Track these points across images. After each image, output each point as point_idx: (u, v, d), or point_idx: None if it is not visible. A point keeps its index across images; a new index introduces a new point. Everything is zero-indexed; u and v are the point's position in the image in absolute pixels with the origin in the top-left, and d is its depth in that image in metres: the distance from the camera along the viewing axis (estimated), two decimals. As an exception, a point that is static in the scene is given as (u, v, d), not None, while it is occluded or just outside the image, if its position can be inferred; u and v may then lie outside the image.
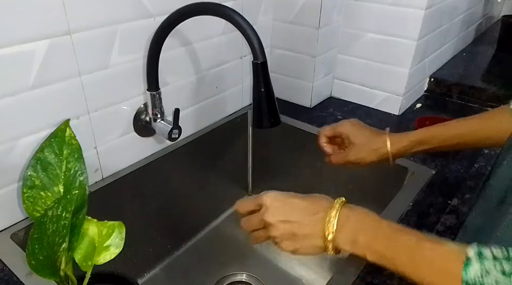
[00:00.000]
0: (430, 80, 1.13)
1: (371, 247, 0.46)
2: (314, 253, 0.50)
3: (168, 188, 0.87)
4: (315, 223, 0.48)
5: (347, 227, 0.48)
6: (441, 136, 0.65)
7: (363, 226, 0.48)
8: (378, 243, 0.46)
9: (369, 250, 0.46)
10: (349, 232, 0.47)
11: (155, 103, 0.75)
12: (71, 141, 0.59)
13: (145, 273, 0.89)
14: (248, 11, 0.91)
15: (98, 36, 0.65)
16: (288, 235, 0.50)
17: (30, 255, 0.46)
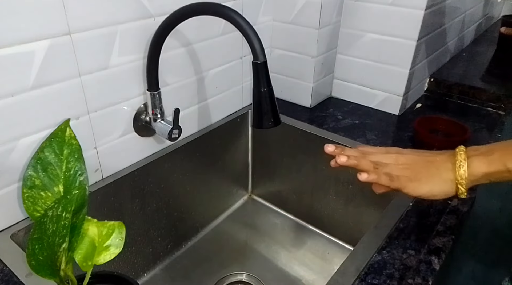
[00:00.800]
0: (430, 80, 1.13)
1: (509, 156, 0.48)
2: (442, 191, 0.52)
3: (168, 188, 0.87)
4: (445, 156, 0.52)
5: (479, 151, 0.50)
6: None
7: (496, 146, 0.50)
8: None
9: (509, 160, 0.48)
10: (482, 155, 0.50)
11: (155, 103, 0.75)
12: (71, 141, 0.59)
13: (145, 273, 0.89)
14: (248, 11, 0.91)
15: (98, 36, 0.65)
16: (417, 172, 0.53)
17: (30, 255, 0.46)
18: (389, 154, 0.56)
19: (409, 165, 0.54)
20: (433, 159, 0.53)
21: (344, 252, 0.96)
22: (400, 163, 0.54)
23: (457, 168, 0.50)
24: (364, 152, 0.57)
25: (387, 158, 0.55)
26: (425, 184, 0.52)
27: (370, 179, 0.54)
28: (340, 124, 0.97)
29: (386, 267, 0.59)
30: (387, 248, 0.62)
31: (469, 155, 0.51)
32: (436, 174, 0.52)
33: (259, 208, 1.11)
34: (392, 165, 0.54)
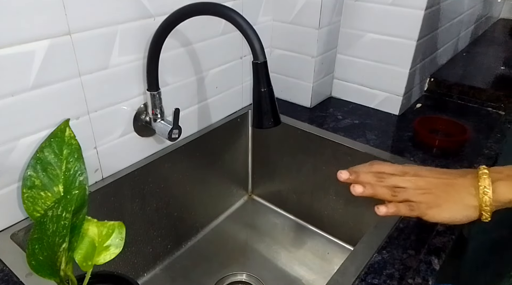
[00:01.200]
0: (430, 80, 1.13)
1: None
2: (466, 215, 0.48)
3: (168, 188, 0.87)
4: (468, 180, 0.48)
5: (501, 180, 0.46)
6: None
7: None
8: None
9: None
10: (506, 182, 0.46)
11: (155, 103, 0.75)
12: (71, 141, 0.59)
13: (145, 273, 0.89)
14: (248, 11, 0.91)
15: (98, 36, 0.65)
16: (439, 196, 0.49)
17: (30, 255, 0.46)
18: (407, 177, 0.51)
19: (429, 189, 0.50)
20: (454, 182, 0.49)
21: (344, 252, 0.96)
22: (419, 187, 0.50)
23: (481, 193, 0.46)
24: (380, 174, 0.53)
25: (405, 181, 0.51)
26: (447, 210, 0.49)
27: (390, 212, 0.51)
28: (340, 124, 0.97)
29: (386, 267, 0.59)
30: (387, 248, 0.62)
31: (493, 179, 0.46)
32: (458, 199, 0.48)
33: (259, 208, 1.11)
34: (411, 190, 0.50)
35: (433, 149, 0.87)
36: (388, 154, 0.85)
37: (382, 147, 0.87)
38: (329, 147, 0.91)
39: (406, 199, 0.51)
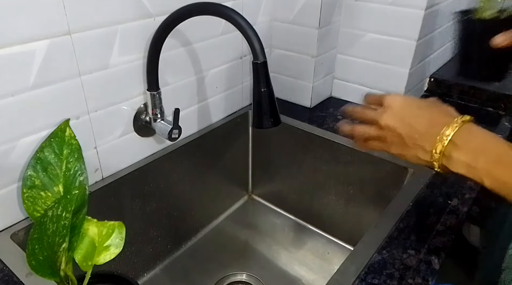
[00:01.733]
0: (430, 80, 1.13)
1: (491, 173, 0.41)
2: (420, 163, 0.47)
3: (168, 188, 0.87)
4: (427, 137, 0.44)
5: (463, 150, 0.42)
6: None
7: (485, 149, 0.42)
8: (501, 170, 0.40)
9: (488, 176, 0.41)
10: (465, 155, 0.42)
11: (155, 103, 0.75)
12: (71, 141, 0.59)
13: (145, 273, 0.89)
14: (248, 11, 0.91)
15: (98, 36, 0.65)
16: (398, 141, 0.48)
17: (30, 255, 0.46)
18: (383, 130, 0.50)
19: (399, 135, 0.48)
20: (421, 135, 0.46)
21: (344, 252, 0.96)
22: (389, 135, 0.49)
23: (435, 158, 0.44)
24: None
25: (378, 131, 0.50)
26: (407, 156, 0.49)
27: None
28: (340, 124, 0.97)
29: (386, 267, 0.59)
30: (387, 248, 0.62)
31: (457, 138, 0.43)
32: (414, 154, 0.47)
33: (259, 208, 1.11)
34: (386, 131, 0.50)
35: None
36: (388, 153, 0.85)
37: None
38: (329, 147, 0.91)
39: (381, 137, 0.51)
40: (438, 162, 0.43)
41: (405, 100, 0.48)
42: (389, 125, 0.48)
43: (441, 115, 0.46)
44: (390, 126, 0.48)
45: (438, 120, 0.45)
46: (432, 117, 0.46)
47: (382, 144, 0.51)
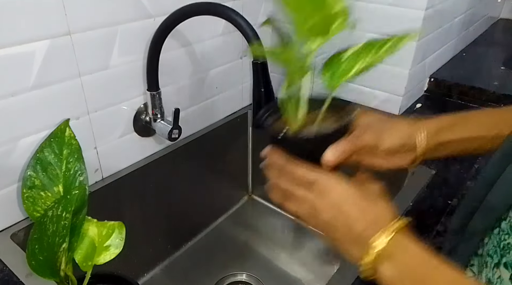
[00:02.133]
0: (430, 81, 1.13)
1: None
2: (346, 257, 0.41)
3: (168, 188, 0.87)
4: (356, 244, 0.39)
5: (390, 266, 0.37)
6: (488, 124, 0.49)
7: (412, 269, 0.37)
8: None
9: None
10: (391, 272, 0.37)
11: (155, 104, 0.75)
12: (71, 142, 0.59)
13: (145, 273, 0.89)
14: (248, 11, 0.91)
15: (98, 36, 0.65)
16: (327, 229, 0.41)
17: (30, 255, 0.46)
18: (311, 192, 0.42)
19: (325, 223, 0.41)
20: (354, 232, 0.39)
21: (344, 252, 0.96)
22: (315, 209, 0.42)
23: (361, 266, 0.38)
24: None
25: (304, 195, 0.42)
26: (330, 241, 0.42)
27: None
28: (340, 124, 0.97)
29: (386, 267, 0.58)
30: (387, 248, 0.62)
31: (377, 261, 0.37)
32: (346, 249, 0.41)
33: (259, 208, 1.11)
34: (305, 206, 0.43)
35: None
36: (388, 154, 0.85)
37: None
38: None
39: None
40: (364, 270, 0.38)
41: (346, 191, 0.40)
42: (323, 213, 0.41)
43: (377, 218, 0.39)
44: (324, 216, 0.41)
45: (371, 225, 0.38)
46: (367, 220, 0.39)
47: (308, 218, 0.44)
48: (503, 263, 0.42)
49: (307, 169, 0.41)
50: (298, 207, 0.43)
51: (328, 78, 0.43)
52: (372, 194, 0.41)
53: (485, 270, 0.46)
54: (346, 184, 0.40)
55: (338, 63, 0.44)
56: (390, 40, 0.43)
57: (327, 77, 0.43)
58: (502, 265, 0.42)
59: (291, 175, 0.41)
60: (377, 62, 0.43)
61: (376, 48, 0.43)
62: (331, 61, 0.45)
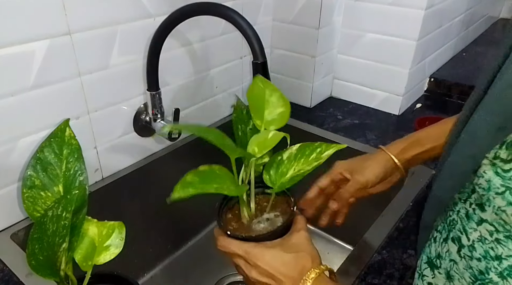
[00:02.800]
0: (430, 80, 1.13)
1: None
2: None
3: (168, 188, 0.87)
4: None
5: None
6: (435, 135, 0.61)
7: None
8: None
9: None
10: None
11: (155, 103, 0.75)
12: (71, 141, 0.59)
13: (145, 273, 0.89)
14: (248, 11, 0.91)
15: (98, 36, 0.65)
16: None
17: (30, 255, 0.46)
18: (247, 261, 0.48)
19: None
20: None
21: (344, 252, 0.96)
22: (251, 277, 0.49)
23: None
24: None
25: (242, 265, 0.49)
26: None
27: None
28: (340, 124, 0.97)
29: (386, 267, 0.59)
30: (387, 248, 0.62)
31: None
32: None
33: (259, 208, 1.11)
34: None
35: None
36: (388, 154, 0.85)
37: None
38: (329, 147, 0.91)
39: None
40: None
41: (272, 257, 0.47)
42: (260, 278, 0.48)
43: (300, 271, 0.46)
44: (261, 280, 0.48)
45: (295, 282, 0.46)
46: (292, 278, 0.46)
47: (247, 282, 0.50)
48: (450, 237, 0.46)
49: (239, 245, 0.48)
50: (245, 274, 0.50)
51: (269, 178, 0.51)
52: (297, 246, 0.47)
53: (434, 245, 0.49)
54: (271, 250, 0.47)
55: (277, 165, 0.52)
56: (320, 146, 0.50)
57: (269, 177, 0.51)
58: (450, 239, 0.46)
59: (233, 251, 0.49)
60: (307, 170, 0.51)
61: (307, 153, 0.51)
62: (271, 162, 0.52)
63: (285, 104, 0.52)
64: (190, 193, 0.45)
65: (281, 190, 0.50)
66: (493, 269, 0.40)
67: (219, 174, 0.46)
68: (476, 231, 0.42)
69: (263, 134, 0.51)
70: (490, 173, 0.38)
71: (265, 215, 0.51)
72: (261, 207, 0.53)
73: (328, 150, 0.50)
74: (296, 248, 0.47)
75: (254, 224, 0.51)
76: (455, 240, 0.45)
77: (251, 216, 0.51)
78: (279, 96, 0.52)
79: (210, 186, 0.44)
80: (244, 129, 0.56)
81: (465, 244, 0.43)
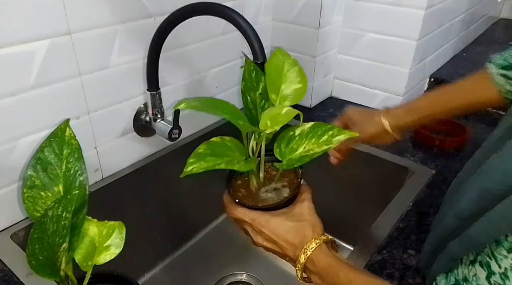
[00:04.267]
0: (430, 80, 1.13)
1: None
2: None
3: (168, 188, 0.87)
4: (293, 254, 0.49)
5: (310, 272, 0.48)
6: (431, 105, 0.67)
7: (328, 273, 0.47)
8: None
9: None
10: (313, 276, 0.48)
11: (155, 103, 0.75)
12: (71, 141, 0.59)
13: (145, 273, 0.89)
14: (248, 11, 0.91)
15: (98, 36, 0.65)
16: (272, 252, 0.53)
17: (30, 255, 0.46)
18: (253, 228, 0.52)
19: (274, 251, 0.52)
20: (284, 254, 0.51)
21: (344, 252, 0.96)
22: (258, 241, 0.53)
23: (298, 268, 0.48)
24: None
25: (251, 232, 0.53)
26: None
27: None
28: (340, 124, 0.97)
29: (386, 267, 0.59)
30: (387, 248, 0.62)
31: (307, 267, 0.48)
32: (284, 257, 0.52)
33: (259, 208, 1.11)
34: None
35: (433, 149, 0.87)
36: (388, 154, 0.85)
37: (382, 146, 0.87)
38: (329, 146, 0.91)
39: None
40: (298, 274, 0.49)
41: (276, 225, 0.49)
42: (264, 244, 0.52)
43: (301, 240, 0.49)
44: (265, 245, 0.52)
45: (297, 250, 0.49)
46: (294, 245, 0.49)
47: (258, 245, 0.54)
48: (478, 261, 0.44)
49: (246, 212, 0.50)
50: (251, 238, 0.53)
51: (279, 151, 0.51)
52: (300, 215, 0.50)
53: (461, 267, 0.48)
54: (276, 218, 0.49)
55: (288, 139, 0.51)
56: (332, 129, 0.49)
57: (279, 150, 0.51)
58: (477, 263, 0.44)
59: (240, 218, 0.51)
60: (316, 152, 0.49)
61: (319, 133, 0.49)
62: (282, 136, 0.51)
63: (303, 81, 0.50)
64: (202, 166, 0.45)
65: (289, 168, 0.50)
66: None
67: (230, 146, 0.46)
68: (507, 259, 0.40)
69: (277, 109, 0.49)
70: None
71: (272, 185, 0.52)
72: (269, 175, 0.53)
73: (340, 135, 0.48)
74: (298, 217, 0.50)
75: (262, 192, 0.52)
76: (483, 265, 0.43)
77: (260, 185, 0.52)
78: (297, 71, 0.50)
79: (221, 160, 0.44)
80: (253, 96, 0.53)
81: (496, 271, 0.41)
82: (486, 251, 0.43)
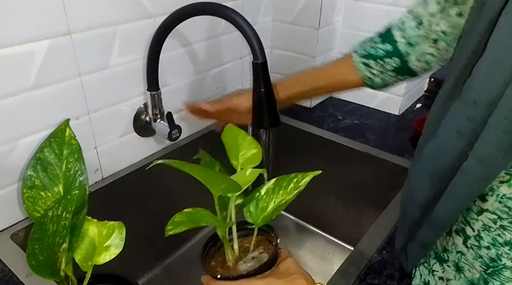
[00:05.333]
0: (430, 80, 1.13)
1: None
2: None
3: (168, 188, 0.87)
4: None
5: None
6: (301, 81, 0.70)
7: None
8: None
9: None
10: None
11: (155, 104, 0.75)
12: (71, 142, 0.59)
13: (145, 273, 0.89)
14: (248, 11, 0.91)
15: (98, 36, 0.65)
16: None
17: (30, 255, 0.46)
18: None
19: None
20: None
21: (344, 252, 0.96)
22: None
23: None
24: None
25: None
26: None
27: None
28: (340, 124, 0.97)
29: (386, 267, 0.59)
30: (387, 248, 0.62)
31: None
32: None
33: (259, 208, 1.11)
34: None
35: (433, 149, 0.87)
36: (388, 154, 0.85)
37: (382, 147, 0.87)
38: (329, 146, 0.91)
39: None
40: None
41: (266, 282, 0.47)
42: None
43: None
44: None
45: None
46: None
47: None
48: (454, 230, 0.47)
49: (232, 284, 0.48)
50: None
51: (249, 214, 0.52)
52: (287, 271, 0.48)
53: (439, 240, 0.49)
54: (264, 280, 0.47)
55: (256, 200, 0.52)
56: (296, 176, 0.50)
57: (249, 214, 0.52)
58: (453, 232, 0.47)
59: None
60: (289, 199, 0.50)
61: (284, 185, 0.51)
62: (249, 200, 0.52)
63: (258, 147, 0.56)
64: (182, 229, 0.50)
65: (264, 224, 0.51)
66: (505, 255, 0.41)
67: (203, 214, 0.51)
68: (478, 221, 0.43)
69: (241, 173, 0.52)
70: None
71: (250, 254, 0.52)
72: (243, 248, 0.53)
73: (305, 178, 0.50)
74: (286, 273, 0.48)
75: (240, 265, 0.51)
76: (459, 231, 0.46)
77: (236, 258, 0.51)
78: (250, 140, 0.56)
79: (199, 223, 0.50)
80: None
81: (471, 234, 0.44)
82: (460, 219, 0.45)
